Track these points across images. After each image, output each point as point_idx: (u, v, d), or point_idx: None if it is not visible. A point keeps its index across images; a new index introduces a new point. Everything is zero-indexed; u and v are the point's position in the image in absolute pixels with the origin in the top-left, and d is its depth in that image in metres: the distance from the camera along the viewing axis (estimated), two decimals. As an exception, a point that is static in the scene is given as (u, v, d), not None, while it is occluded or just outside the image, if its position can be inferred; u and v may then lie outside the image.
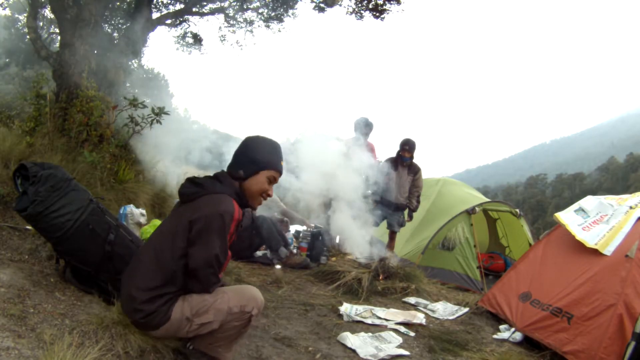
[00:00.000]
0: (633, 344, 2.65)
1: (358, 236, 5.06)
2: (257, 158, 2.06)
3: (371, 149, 5.90)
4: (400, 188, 5.85)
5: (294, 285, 4.11)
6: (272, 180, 2.10)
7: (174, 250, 1.91)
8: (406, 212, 6.00)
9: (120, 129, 4.39)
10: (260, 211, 5.35)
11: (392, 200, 5.86)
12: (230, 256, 2.06)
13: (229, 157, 2.16)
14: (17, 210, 2.24)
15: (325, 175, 4.98)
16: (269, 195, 2.12)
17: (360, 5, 7.21)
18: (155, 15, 7.16)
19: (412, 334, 3.25)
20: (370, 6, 7.15)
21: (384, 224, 6.08)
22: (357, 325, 3.28)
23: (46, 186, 2.23)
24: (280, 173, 2.13)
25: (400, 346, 2.97)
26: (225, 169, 2.12)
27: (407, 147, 5.83)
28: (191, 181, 2.04)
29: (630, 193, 3.66)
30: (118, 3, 7.15)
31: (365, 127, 5.89)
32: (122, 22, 7.63)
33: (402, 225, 6.00)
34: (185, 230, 1.90)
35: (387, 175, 5.91)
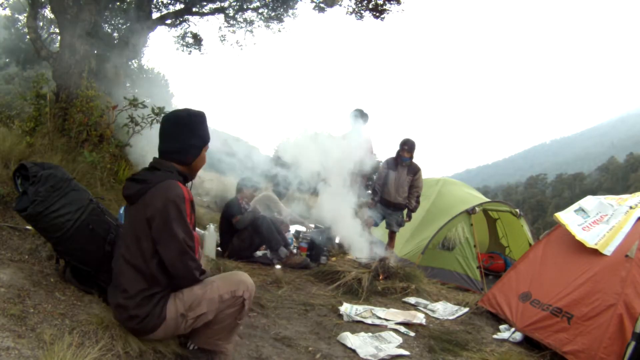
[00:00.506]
0: (633, 344, 2.65)
1: (346, 218, 5.06)
2: (197, 142, 2.07)
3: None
4: (399, 188, 5.85)
5: (294, 285, 4.11)
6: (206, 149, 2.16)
7: (143, 252, 1.91)
8: (405, 212, 6.00)
9: (120, 128, 4.39)
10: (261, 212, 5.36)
11: (390, 199, 5.86)
12: (198, 237, 2.04)
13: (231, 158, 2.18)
14: (17, 210, 2.24)
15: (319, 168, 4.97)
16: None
17: (360, 5, 7.20)
18: (155, 15, 7.15)
19: (412, 334, 3.25)
20: (370, 6, 7.14)
21: (384, 224, 6.08)
22: (357, 325, 3.29)
23: (46, 186, 2.23)
24: None
25: (400, 346, 2.97)
26: (160, 155, 2.07)
27: (407, 147, 5.83)
28: (132, 180, 2.02)
29: (630, 193, 3.66)
30: (118, 3, 7.14)
31: (361, 118, 5.83)
32: (122, 22, 7.62)
33: (400, 225, 6.00)
34: (146, 230, 1.90)
35: (386, 175, 5.92)
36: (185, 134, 2.04)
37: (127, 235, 1.99)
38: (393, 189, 5.85)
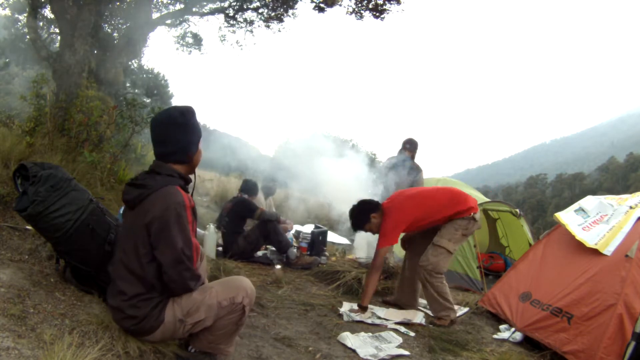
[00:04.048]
0: (633, 344, 2.66)
1: None
2: (195, 138, 2.03)
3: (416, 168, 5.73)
4: (397, 188, 5.85)
5: (294, 285, 4.11)
6: None
7: (140, 258, 1.89)
8: None
9: (120, 128, 4.39)
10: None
11: None
12: (199, 246, 2.00)
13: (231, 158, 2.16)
14: (17, 210, 2.23)
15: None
16: None
17: (360, 5, 7.20)
18: (155, 15, 7.16)
19: (412, 334, 3.25)
20: (370, 6, 7.14)
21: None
22: (357, 325, 3.28)
23: (46, 186, 2.22)
24: None
25: (400, 346, 2.97)
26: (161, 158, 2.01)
27: (408, 145, 5.83)
28: (131, 184, 1.98)
29: (630, 193, 3.66)
30: (118, 3, 7.14)
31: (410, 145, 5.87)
32: (122, 22, 7.63)
33: None
34: (144, 236, 1.87)
35: (386, 175, 5.91)
36: (182, 133, 1.99)
37: (125, 239, 1.96)
38: (392, 188, 5.85)
